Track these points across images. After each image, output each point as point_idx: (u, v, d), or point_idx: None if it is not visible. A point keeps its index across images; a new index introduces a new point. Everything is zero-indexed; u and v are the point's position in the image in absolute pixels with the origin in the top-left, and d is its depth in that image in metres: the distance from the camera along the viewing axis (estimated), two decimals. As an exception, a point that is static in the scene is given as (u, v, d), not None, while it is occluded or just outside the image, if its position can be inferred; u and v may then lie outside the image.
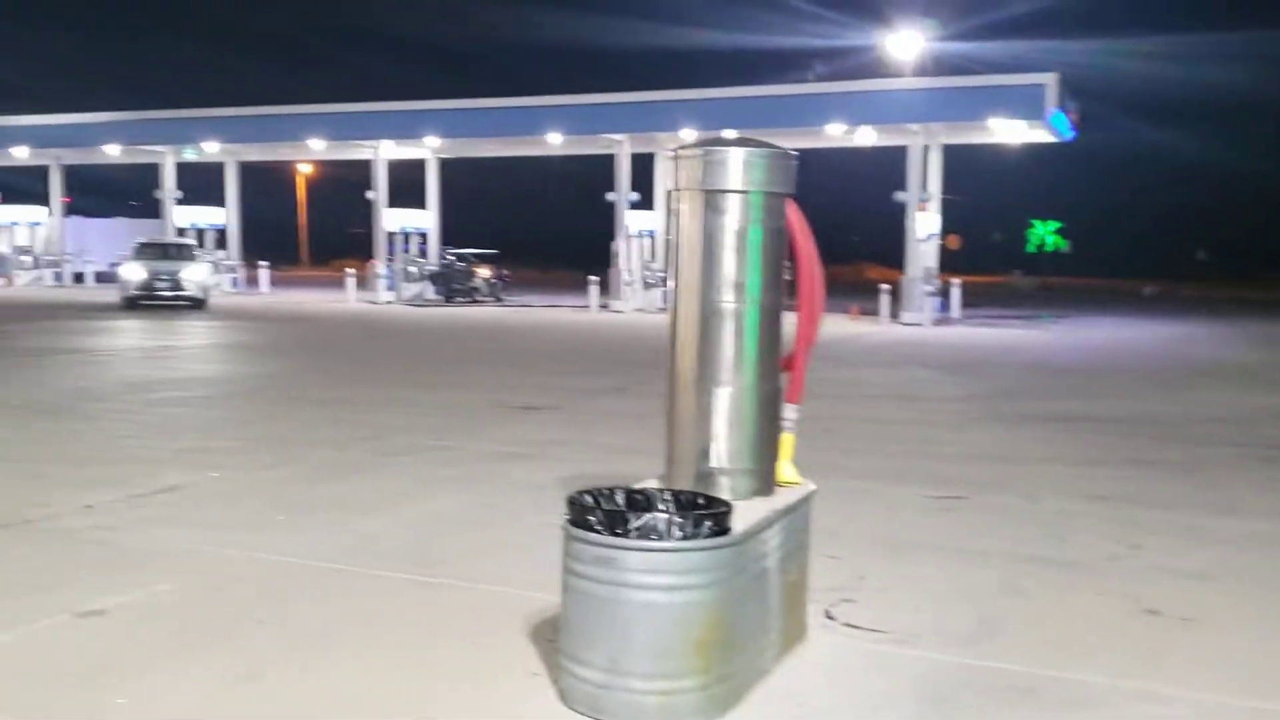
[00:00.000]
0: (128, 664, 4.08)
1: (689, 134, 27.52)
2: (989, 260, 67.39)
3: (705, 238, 4.09)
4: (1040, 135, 27.92)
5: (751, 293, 4.08)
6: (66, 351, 16.31)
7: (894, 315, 26.01)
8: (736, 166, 4.05)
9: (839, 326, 23.65)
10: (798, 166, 4.24)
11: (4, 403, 10.77)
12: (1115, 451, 9.18)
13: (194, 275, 27.22)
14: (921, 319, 25.61)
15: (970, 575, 5.43)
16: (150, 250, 27.94)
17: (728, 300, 4.07)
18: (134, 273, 26.63)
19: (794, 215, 4.25)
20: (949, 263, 34.54)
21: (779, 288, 4.16)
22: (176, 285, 26.66)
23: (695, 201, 4.11)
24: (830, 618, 4.68)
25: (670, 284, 4.20)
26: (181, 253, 28.60)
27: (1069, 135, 27.88)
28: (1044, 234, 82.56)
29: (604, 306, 28.97)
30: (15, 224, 37.68)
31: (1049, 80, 25.04)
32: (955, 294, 28.21)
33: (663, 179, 31.53)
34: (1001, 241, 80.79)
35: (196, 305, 26.82)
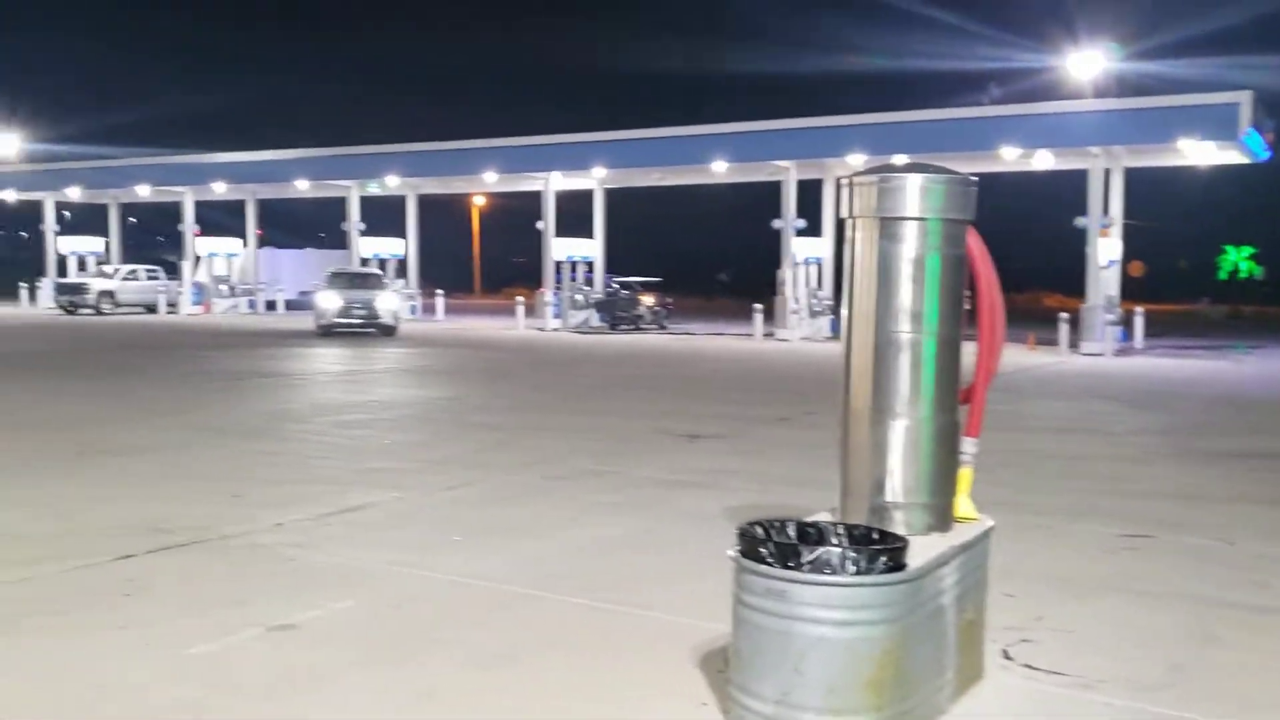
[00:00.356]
0: (313, 678, 4.26)
1: (857, 159, 27.22)
2: (1174, 288, 64.24)
3: (881, 266, 4.03)
4: (1232, 156, 26.55)
5: (929, 323, 4.00)
6: (265, 375, 17.20)
7: (1073, 345, 25.04)
8: (914, 193, 3.99)
9: (1016, 356, 22.92)
10: (976, 192, 4.15)
11: (207, 425, 11.41)
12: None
13: (387, 304, 28.30)
14: (1102, 349, 24.58)
15: (1158, 619, 5.17)
16: (343, 280, 29.19)
17: (904, 330, 4.00)
18: (330, 301, 27.76)
19: (974, 243, 4.16)
20: (1131, 290, 33.12)
21: (958, 318, 4.07)
22: (372, 313, 27.72)
23: (870, 229, 4.06)
24: (1008, 658, 4.52)
25: (844, 313, 4.15)
26: (372, 282, 29.78)
27: (1264, 156, 26.42)
28: (1236, 260, 78.23)
29: (769, 335, 28.83)
30: (214, 255, 40.03)
31: (1243, 99, 23.78)
32: (1138, 323, 26.99)
33: (830, 205, 31.27)
34: (1188, 268, 77.01)
35: (388, 333, 27.83)
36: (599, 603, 5.25)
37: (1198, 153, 26.04)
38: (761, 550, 3.51)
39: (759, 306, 29.21)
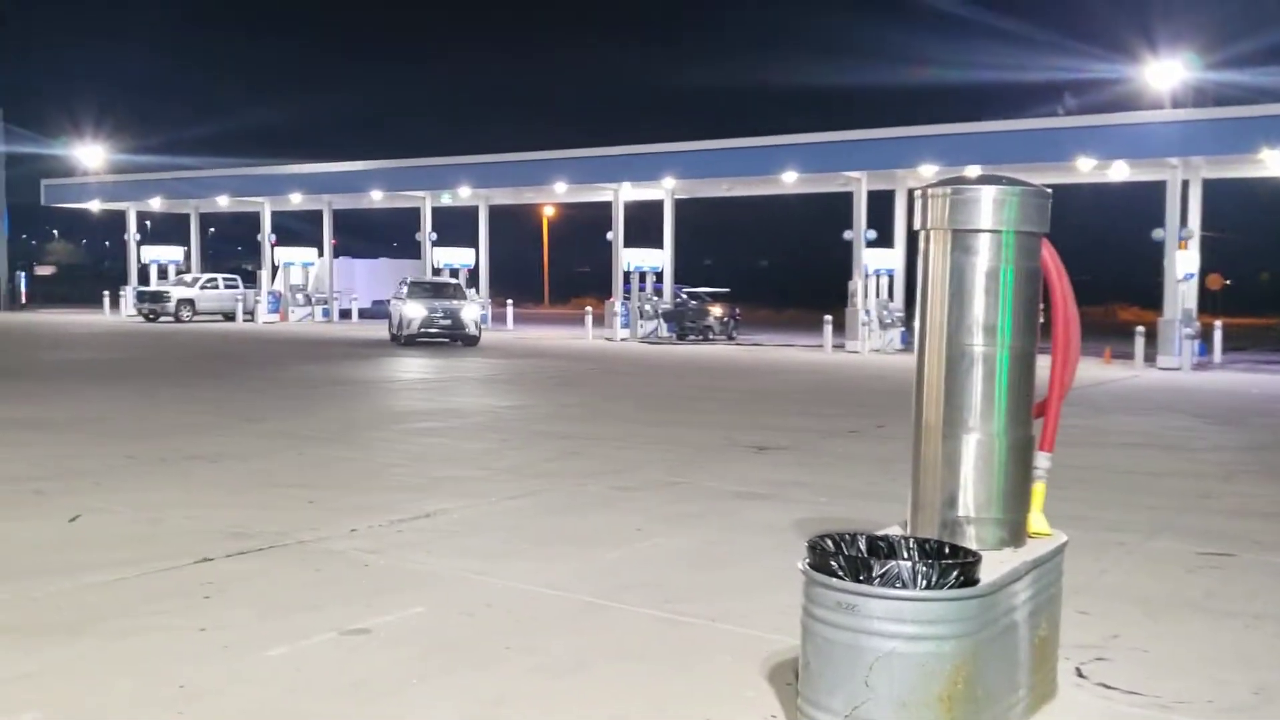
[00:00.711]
0: (386, 682, 4.33)
1: (929, 170, 26.97)
2: (1256, 301, 62.69)
3: (954, 278, 4.01)
4: (1320, 165, 25.84)
5: (1003, 336, 3.97)
6: (341, 383, 17.49)
7: (1149, 359, 24.54)
8: (988, 205, 3.96)
9: (1091, 370, 22.52)
10: (1051, 204, 4.11)
11: (287, 432, 11.64)
12: None
13: (472, 314, 28.44)
14: (1179, 363, 24.05)
15: (1241, 639, 5.05)
16: (425, 290, 29.38)
17: (977, 343, 3.97)
18: (415, 311, 27.77)
19: (1049, 255, 4.12)
20: (1209, 304, 32.38)
21: (1033, 331, 4.03)
22: (457, 323, 27.83)
23: (943, 241, 4.04)
24: (1082, 676, 4.45)
25: (916, 326, 4.13)
26: (453, 292, 29.94)
27: (1352, 166, 25.68)
28: (1321, 273, 76.05)
29: (839, 346, 28.64)
30: (290, 264, 40.80)
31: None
32: (1217, 337, 26.37)
33: (902, 216, 30.99)
34: (1270, 281, 75.09)
35: (471, 343, 27.93)
36: (668, 613, 5.26)
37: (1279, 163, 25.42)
38: (832, 563, 3.50)
39: (829, 318, 29.04)
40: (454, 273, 36.49)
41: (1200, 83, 33.90)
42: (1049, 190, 4.14)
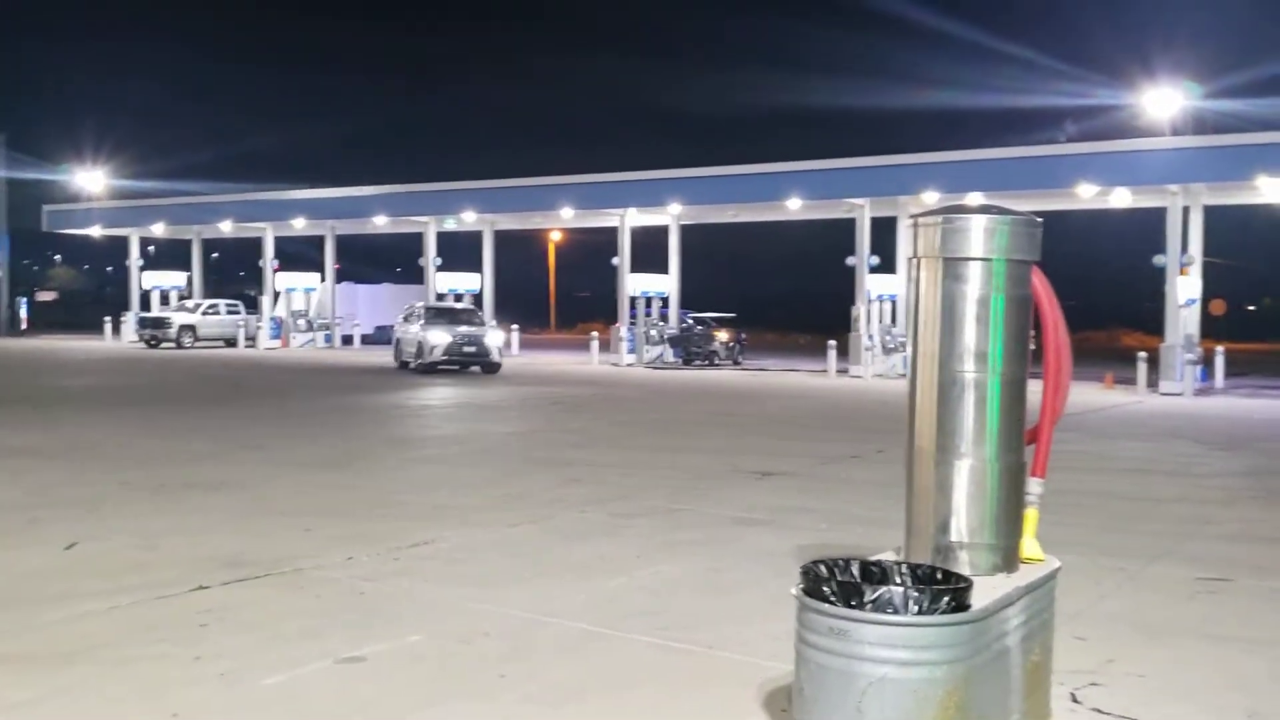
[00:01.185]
0: (382, 710, 4.33)
1: (931, 197, 27.05)
2: (1258, 327, 62.71)
3: (945, 306, 4.04)
4: (1320, 192, 25.90)
5: (994, 362, 3.99)
6: (344, 410, 17.52)
7: (1152, 384, 24.52)
8: (978, 233, 3.99)
9: (1093, 396, 22.50)
10: (1043, 231, 4.14)
11: (288, 460, 11.66)
12: None
13: (496, 340, 28.01)
14: (1182, 389, 24.03)
15: (1236, 664, 5.05)
16: (442, 315, 28.77)
17: (969, 370, 4.00)
18: (438, 337, 27.04)
19: (1040, 283, 4.14)
20: (1212, 329, 32.33)
21: (1024, 358, 4.05)
22: (482, 350, 27.25)
23: (935, 269, 4.07)
24: (1077, 701, 4.45)
25: (909, 352, 4.16)
26: (470, 317, 29.46)
27: (1350, 193, 25.73)
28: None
29: (843, 371, 28.65)
30: (293, 289, 40.88)
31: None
32: (1219, 362, 26.35)
33: (904, 243, 31.07)
34: (1272, 307, 75.19)
35: (493, 370, 27.44)
36: (667, 641, 5.27)
37: (1278, 190, 25.48)
38: (824, 589, 3.51)
39: (833, 343, 29.06)
40: (458, 298, 36.53)
41: (1199, 111, 34.05)
42: (1039, 219, 4.18)
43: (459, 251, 40.51)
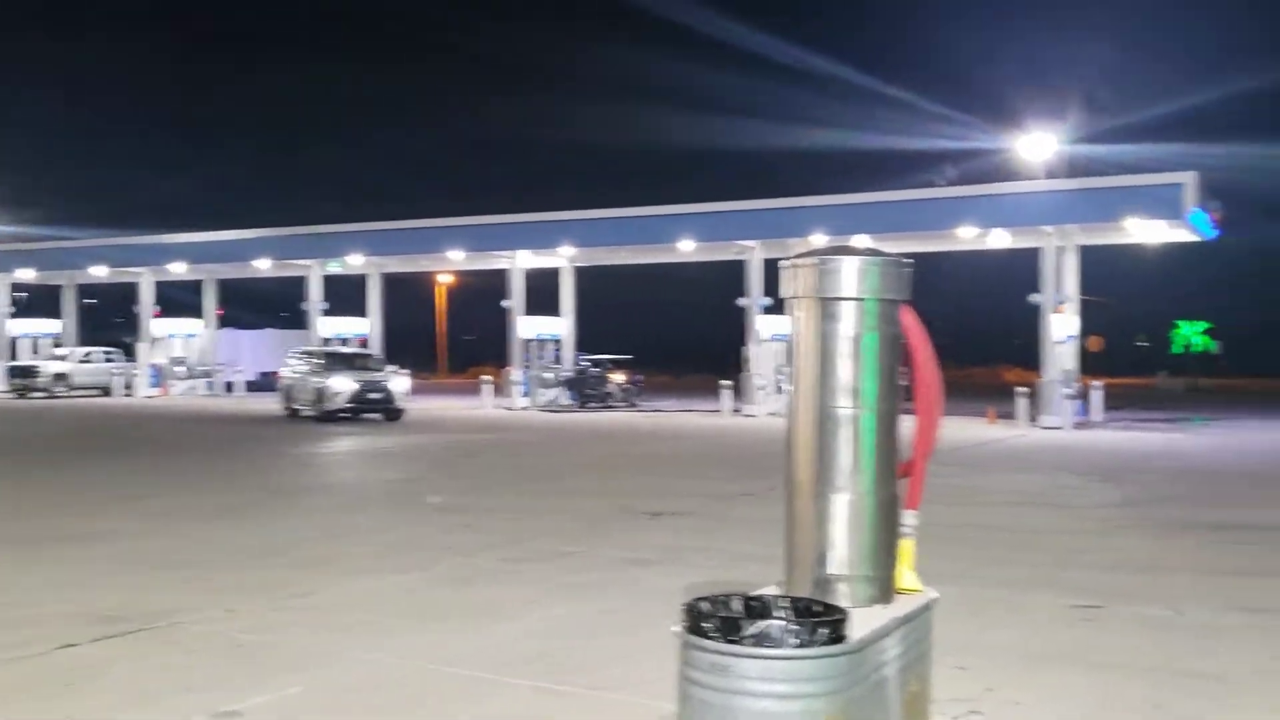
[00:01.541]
0: (261, 762, 4.21)
1: (820, 239, 27.61)
2: (1133, 363, 65.39)
3: (821, 344, 4.13)
4: (1181, 235, 27.13)
5: (868, 399, 4.08)
6: (233, 459, 17.06)
7: (1032, 419, 25.31)
8: (851, 274, 4.10)
9: (976, 431, 23.11)
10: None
11: (165, 510, 11.32)
12: (1268, 560, 8.73)
13: (399, 386, 27.13)
14: (1061, 422, 24.85)
15: (1110, 689, 5.21)
16: (341, 361, 27.91)
17: (844, 406, 4.08)
18: (342, 384, 26.12)
19: (910, 321, 4.26)
20: (1091, 365, 33.52)
21: (895, 393, 4.16)
22: (388, 396, 26.49)
23: (811, 309, 4.16)
24: (957, 731, 4.55)
25: (787, 391, 4.24)
26: (373, 363, 28.64)
27: (1211, 234, 27.01)
28: (1190, 335, 79.95)
29: (737, 411, 28.95)
30: (173, 336, 39.77)
31: (1187, 179, 24.42)
32: (1096, 397, 27.32)
33: (783, 285, 31.60)
34: (1146, 344, 78.55)
35: (395, 417, 26.61)
36: (558, 685, 5.23)
37: (1147, 231, 26.61)
38: (705, 625, 3.53)
39: (727, 383, 29.36)
40: (344, 342, 35.92)
41: (1073, 155, 35.45)
42: (909, 260, 4.30)
43: (349, 295, 39.88)
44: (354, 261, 36.79)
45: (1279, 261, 71.63)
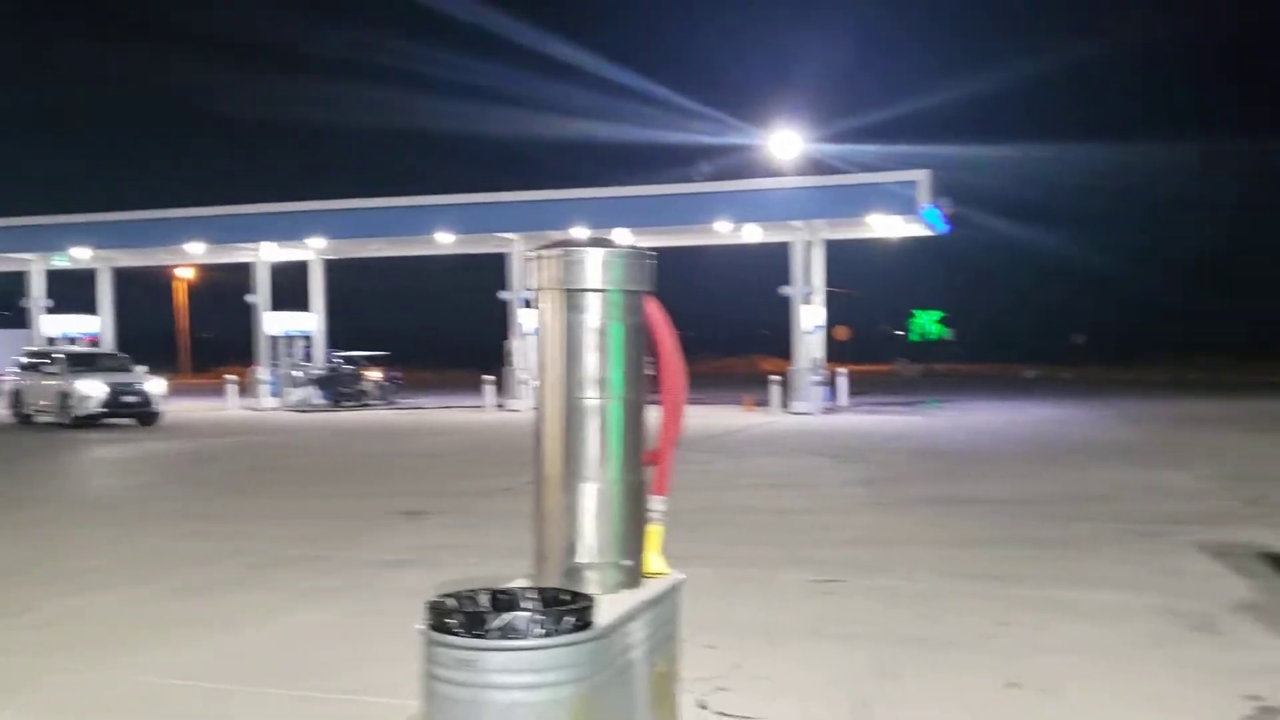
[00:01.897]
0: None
1: (581, 232, 27.81)
2: (880, 350, 69.44)
3: (567, 335, 4.16)
4: (917, 230, 28.91)
5: (614, 388, 4.14)
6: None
7: (785, 405, 26.42)
8: (595, 266, 4.15)
9: (732, 418, 23.93)
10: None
11: None
12: (994, 530, 9.43)
13: (156, 388, 25.16)
14: (811, 408, 26.08)
15: (845, 659, 5.50)
16: (87, 362, 25.78)
17: (591, 396, 4.13)
18: (93, 388, 24.09)
19: (654, 311, 4.35)
20: (839, 353, 35.31)
21: (640, 382, 4.24)
22: (143, 399, 24.62)
23: (557, 300, 4.18)
24: (703, 707, 4.69)
25: (536, 382, 4.25)
26: (121, 363, 26.39)
27: (944, 229, 28.93)
28: (926, 324, 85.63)
29: (500, 406, 28.85)
30: None
31: (921, 177, 26.07)
32: (842, 383, 28.80)
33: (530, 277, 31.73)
34: (889, 332, 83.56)
35: (151, 421, 24.76)
36: (308, 691, 5.06)
37: (886, 226, 28.24)
38: (449, 621, 3.50)
39: (490, 378, 29.21)
40: (72, 341, 33.46)
41: (817, 153, 37.12)
42: (652, 252, 4.39)
43: (73, 292, 36.89)
44: (81, 255, 34.18)
45: (1006, 254, 77.82)
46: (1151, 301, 79.15)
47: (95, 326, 35.16)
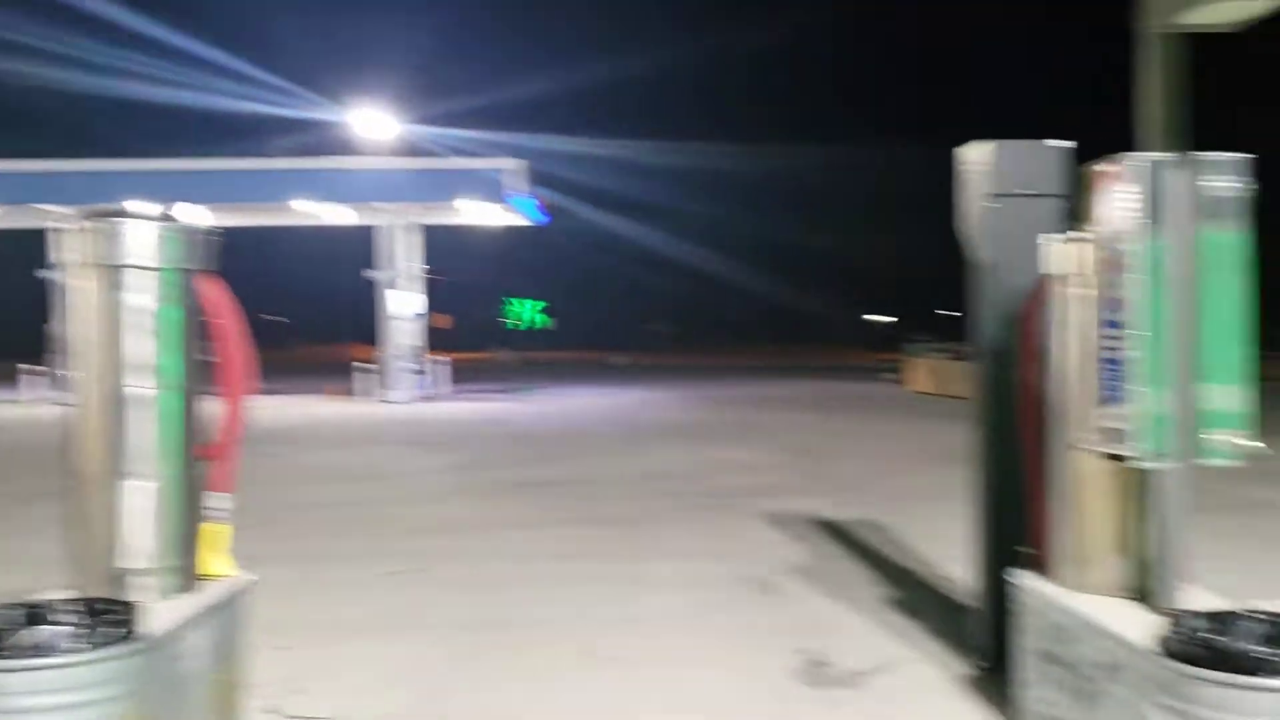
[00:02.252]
0: None
1: (148, 208, 25.65)
2: (483, 338, 70.10)
3: (111, 317, 3.77)
4: (514, 219, 28.99)
5: (167, 376, 3.82)
6: None
7: (377, 394, 25.94)
8: (144, 241, 3.80)
9: (313, 408, 23.17)
10: (220, 243, 4.07)
11: None
12: (580, 510, 9.71)
13: None
14: (404, 397, 25.75)
15: (425, 649, 5.44)
16: None
17: (139, 385, 3.78)
18: None
19: (217, 294, 4.05)
20: (441, 341, 35.12)
21: (197, 370, 3.93)
22: None
23: (96, 278, 3.79)
24: (275, 711, 4.45)
25: (67, 369, 3.80)
26: None
27: (541, 220, 29.31)
28: (527, 312, 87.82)
29: (49, 401, 26.05)
30: None
31: (508, 165, 26.40)
32: (442, 371, 28.66)
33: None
34: (493, 320, 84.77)
35: None
36: None
37: (479, 213, 28.20)
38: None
39: (27, 368, 26.17)
40: None
41: (410, 136, 36.59)
42: (217, 230, 4.11)
43: None
44: None
45: (610, 247, 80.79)
46: (752, 293, 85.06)
47: None
